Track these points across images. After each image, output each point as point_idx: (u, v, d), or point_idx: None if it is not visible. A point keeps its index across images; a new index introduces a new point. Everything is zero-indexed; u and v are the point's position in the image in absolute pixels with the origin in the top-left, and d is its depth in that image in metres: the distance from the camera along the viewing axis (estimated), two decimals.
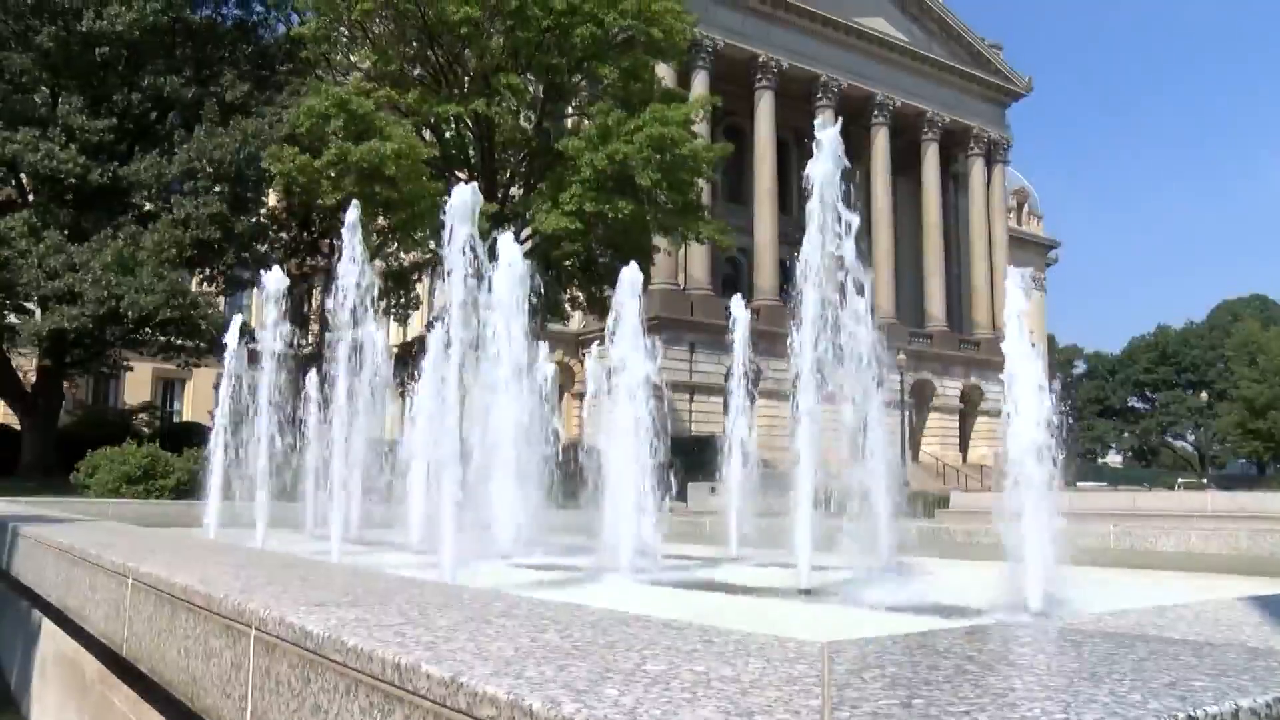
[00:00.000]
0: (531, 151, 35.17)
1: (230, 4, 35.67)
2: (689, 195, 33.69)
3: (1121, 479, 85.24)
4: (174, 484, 23.43)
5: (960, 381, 63.84)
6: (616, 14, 31.70)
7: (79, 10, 30.01)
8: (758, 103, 57.31)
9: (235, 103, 32.80)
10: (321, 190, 30.54)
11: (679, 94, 37.69)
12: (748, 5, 56.88)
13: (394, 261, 36.89)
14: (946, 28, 66.96)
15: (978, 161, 68.32)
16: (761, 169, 56.72)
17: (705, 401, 49.93)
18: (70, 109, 30.45)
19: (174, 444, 26.42)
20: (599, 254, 35.08)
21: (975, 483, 52.11)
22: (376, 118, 30.33)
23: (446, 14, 31.34)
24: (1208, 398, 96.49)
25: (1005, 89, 70.18)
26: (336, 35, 34.75)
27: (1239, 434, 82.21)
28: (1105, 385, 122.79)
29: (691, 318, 51.46)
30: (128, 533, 7.78)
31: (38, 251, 28.78)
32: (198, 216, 30.29)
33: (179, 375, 53.05)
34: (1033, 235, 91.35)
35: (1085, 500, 22.73)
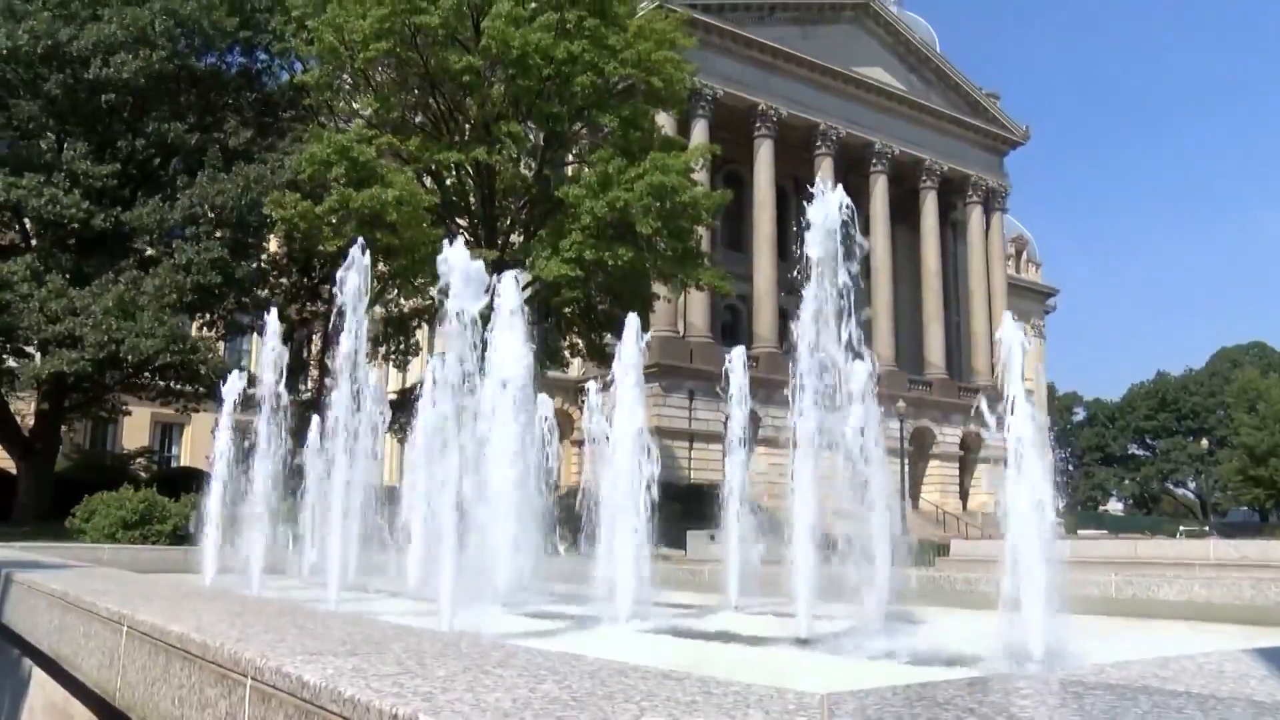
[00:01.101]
0: (532, 199, 35.35)
1: (235, 52, 36.04)
2: (689, 242, 33.81)
3: (1123, 527, 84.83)
4: (171, 529, 23.31)
5: (960, 429, 63.71)
6: (617, 63, 31.99)
7: (87, 58, 30.28)
8: (757, 150, 57.69)
9: (238, 149, 33.02)
10: (322, 236, 30.66)
11: (679, 142, 37.95)
12: (747, 54, 57.41)
13: (394, 308, 36.96)
14: (944, 77, 67.58)
15: (976, 209, 68.67)
16: (761, 216, 56.98)
17: (704, 449, 49.78)
18: (75, 155, 30.64)
19: (171, 489, 26.31)
20: (599, 301, 35.15)
21: (975, 530, 51.86)
22: (378, 165, 30.52)
23: (448, 63, 31.64)
24: (1208, 445, 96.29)
25: (1003, 137, 70.72)
26: (339, 83, 35.05)
27: (1240, 481, 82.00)
28: (1105, 432, 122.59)
29: (691, 365, 51.44)
30: (123, 579, 7.73)
31: (39, 295, 28.84)
32: (199, 261, 30.38)
33: (177, 420, 52.95)
34: (1031, 283, 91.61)
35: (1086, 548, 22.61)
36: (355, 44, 31.69)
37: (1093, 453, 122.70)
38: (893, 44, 65.61)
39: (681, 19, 37.16)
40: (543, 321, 35.56)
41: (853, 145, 62.01)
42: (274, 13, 35.09)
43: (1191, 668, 2.77)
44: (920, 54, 66.84)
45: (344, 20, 31.76)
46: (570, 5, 32.03)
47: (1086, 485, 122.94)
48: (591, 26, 31.67)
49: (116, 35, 30.35)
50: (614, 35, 32.08)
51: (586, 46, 31.33)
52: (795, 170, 59.34)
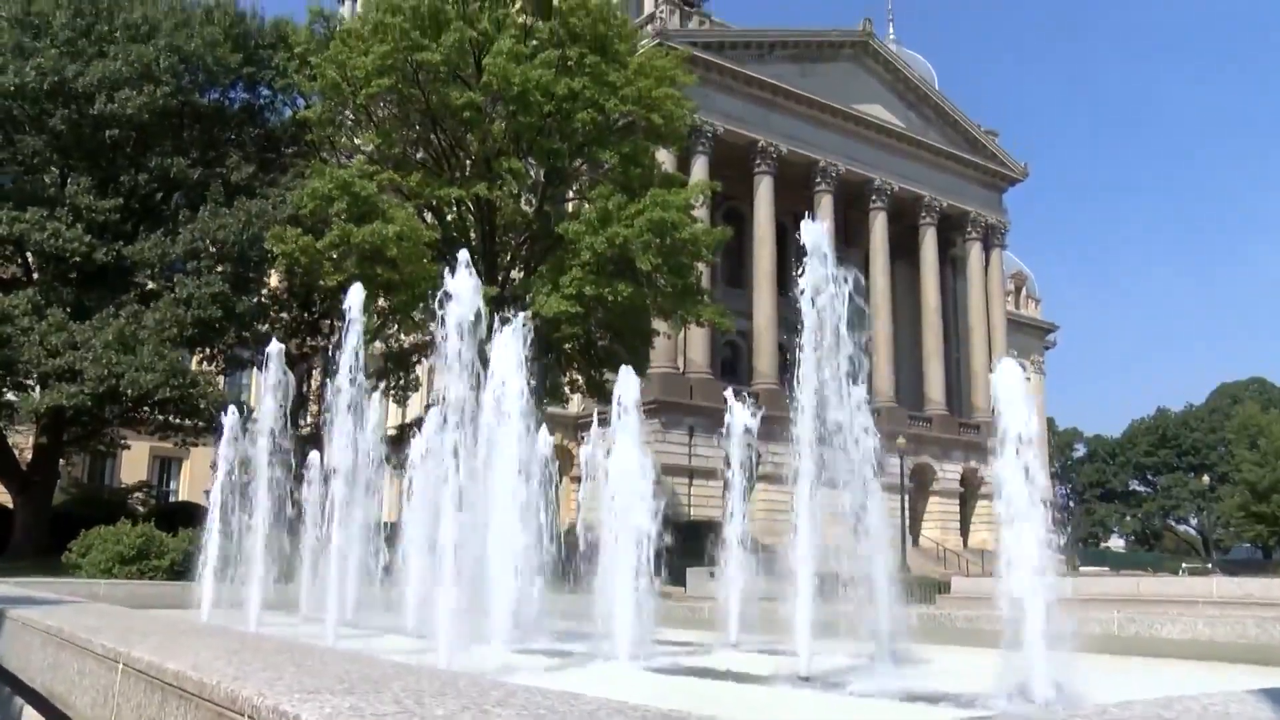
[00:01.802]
0: (532, 235, 35.44)
1: (238, 88, 36.26)
2: (689, 279, 33.85)
3: (1124, 563, 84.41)
4: (168, 564, 23.22)
5: (960, 465, 63.62)
6: (617, 100, 32.17)
7: (92, 94, 30.48)
8: (757, 187, 57.96)
9: (240, 184, 33.17)
10: (323, 271, 30.72)
11: (679, 178, 38.10)
12: (747, 92, 57.81)
13: (394, 343, 36.98)
14: (943, 114, 68.03)
15: (975, 245, 68.91)
16: (761, 253, 57.15)
17: (704, 485, 49.64)
18: (78, 189, 30.78)
19: (169, 524, 26.22)
20: (599, 337, 35.15)
21: (976, 567, 51.64)
22: (379, 200, 30.63)
23: (449, 99, 31.84)
24: (1209, 481, 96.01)
25: (1002, 174, 71.10)
26: (341, 119, 35.26)
27: (1242, 518, 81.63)
28: (1106, 468, 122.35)
29: (690, 401, 51.43)
30: (119, 615, 7.68)
31: (40, 329, 28.86)
32: (199, 296, 30.43)
33: (176, 454, 52.86)
34: (1031, 318, 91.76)
35: (1088, 585, 22.51)
36: (357, 80, 31.91)
37: (1093, 489, 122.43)
38: (892, 81, 66.09)
39: (682, 56, 37.40)
40: (542, 357, 35.57)
41: (852, 182, 62.31)
42: (277, 49, 35.38)
43: (1196, 709, 2.74)
44: (919, 91, 67.32)
45: (346, 57, 32.00)
46: (571, 43, 32.28)
47: (1087, 522, 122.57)
48: (592, 64, 31.89)
49: (121, 71, 30.57)
50: (615, 72, 32.29)
51: (587, 83, 31.54)
52: (795, 206, 59.49)
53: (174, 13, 33.54)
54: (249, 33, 35.44)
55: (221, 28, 33.90)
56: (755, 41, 59.38)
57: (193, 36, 32.49)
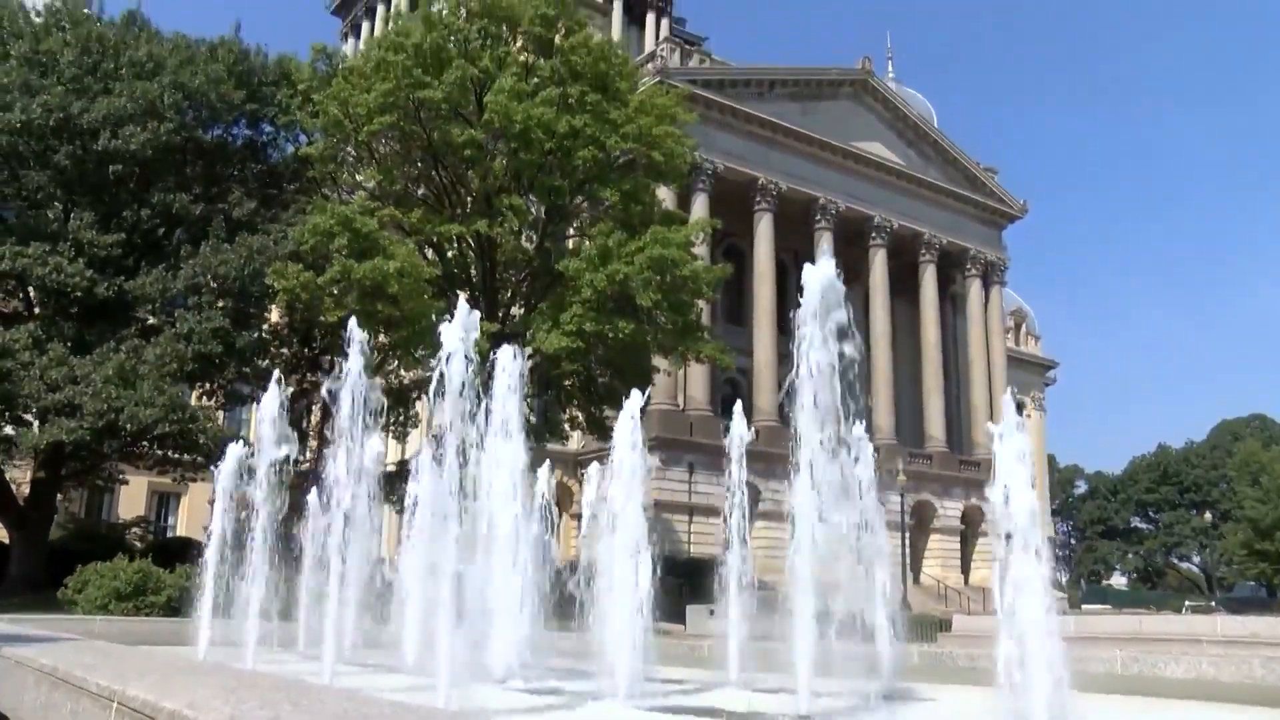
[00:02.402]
0: (533, 271, 35.50)
1: (241, 124, 36.41)
2: (689, 316, 33.88)
3: (1127, 601, 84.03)
4: (165, 601, 23.08)
5: (961, 502, 63.41)
6: (618, 138, 32.34)
7: (96, 130, 30.63)
8: (757, 224, 58.14)
9: (242, 220, 33.24)
10: (324, 307, 30.76)
11: (679, 216, 38.24)
12: (747, 129, 58.12)
13: (394, 379, 36.97)
14: (942, 152, 68.37)
15: (975, 282, 69.03)
16: (761, 290, 57.24)
17: (704, 522, 49.46)
18: (81, 224, 30.84)
19: (167, 559, 26.09)
20: (599, 374, 35.15)
21: (977, 605, 51.36)
22: (380, 236, 30.71)
23: (451, 136, 32.01)
24: (1212, 518, 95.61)
25: (1001, 211, 71.35)
26: (343, 155, 35.44)
27: (1245, 555, 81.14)
28: (1107, 505, 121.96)
29: (690, 438, 51.35)
30: (114, 653, 7.63)
31: (40, 364, 28.83)
32: (200, 331, 30.43)
33: (174, 489, 52.65)
34: (1031, 355, 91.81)
35: (1090, 624, 22.37)
36: (359, 117, 32.11)
37: (1095, 526, 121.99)
38: (891, 119, 66.48)
39: (682, 94, 37.67)
40: (543, 394, 35.55)
41: (852, 219, 62.52)
42: (280, 86, 35.59)
43: None
44: (918, 129, 67.70)
45: (349, 94, 32.23)
46: (572, 81, 32.50)
47: (1089, 559, 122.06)
48: (593, 102, 32.09)
49: (126, 108, 30.74)
50: (615, 110, 32.49)
51: (588, 121, 31.72)
52: (795, 244, 59.77)
53: (179, 50, 33.77)
54: (253, 70, 35.67)
55: (226, 65, 34.12)
56: (755, 80, 59.77)
57: (197, 73, 32.70)
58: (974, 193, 69.43)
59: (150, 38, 34.34)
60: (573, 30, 33.91)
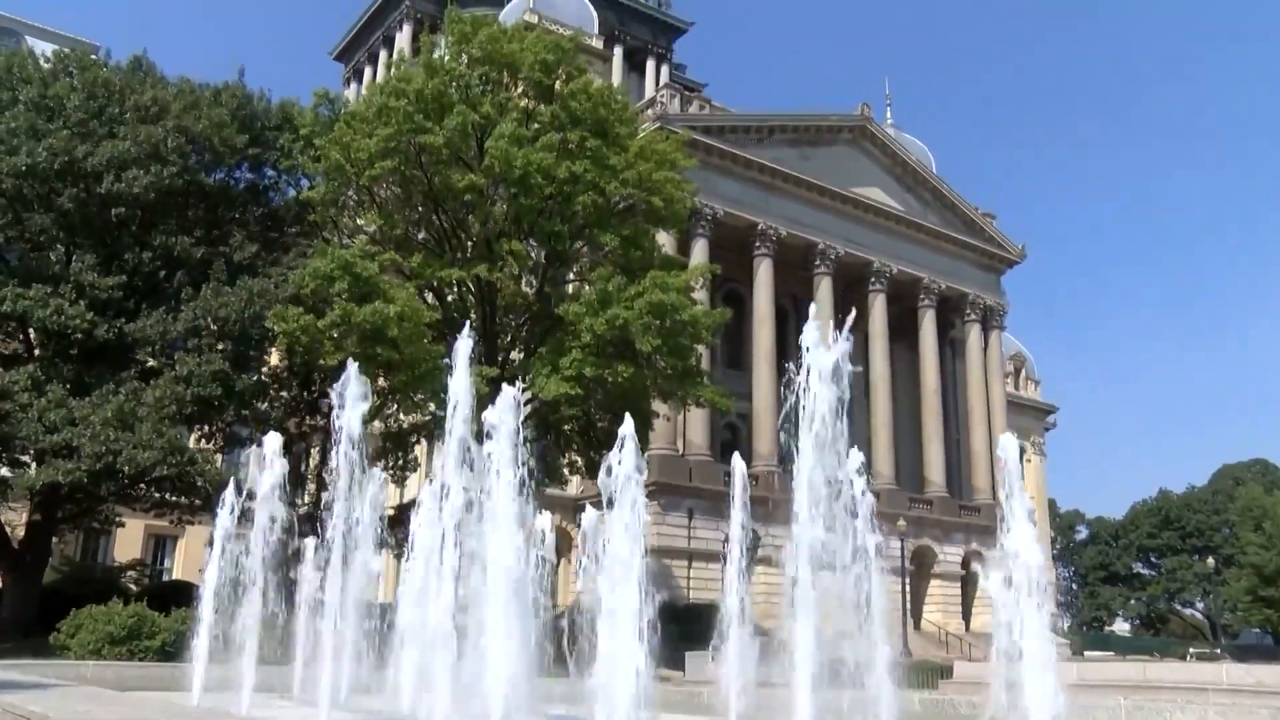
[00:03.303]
0: (532, 316, 35.55)
1: (243, 168, 36.61)
2: (688, 361, 33.89)
3: (1130, 648, 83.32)
4: (160, 645, 22.93)
5: (961, 548, 63.09)
6: (618, 183, 32.51)
7: (100, 174, 30.79)
8: (756, 269, 58.27)
9: (243, 263, 33.34)
10: (324, 350, 30.78)
11: (679, 260, 38.38)
12: (747, 175, 58.42)
13: (393, 423, 36.92)
14: (941, 197, 68.72)
15: (974, 327, 69.13)
16: (760, 334, 57.26)
17: (703, 568, 49.15)
18: (83, 266, 30.92)
19: (162, 603, 25.93)
20: (598, 418, 35.09)
21: (979, 651, 50.94)
22: (380, 280, 30.79)
23: (451, 181, 32.19)
24: (1215, 564, 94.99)
25: (1000, 256, 71.58)
26: (344, 199, 35.61)
27: (1250, 602, 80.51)
28: (1109, 551, 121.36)
29: (690, 483, 51.15)
30: (106, 699, 7.55)
31: (39, 405, 28.79)
32: (200, 374, 30.41)
33: (171, 532, 52.35)
34: (1031, 400, 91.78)
35: (1094, 671, 22.18)
36: (361, 162, 32.32)
37: (1096, 572, 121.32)
38: (890, 165, 66.87)
39: (682, 140, 37.91)
40: (542, 438, 35.47)
41: (851, 264, 62.70)
42: (283, 130, 35.86)
43: None
44: (917, 174, 68.08)
45: (350, 139, 32.46)
46: (572, 126, 32.72)
47: (1091, 605, 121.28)
48: (593, 147, 32.30)
49: (130, 151, 30.94)
50: (615, 156, 32.69)
51: (588, 166, 31.90)
52: (794, 289, 59.91)
53: (183, 95, 34.06)
54: (255, 114, 35.95)
55: (229, 109, 34.39)
56: (755, 125, 60.16)
57: (200, 118, 32.95)
58: (973, 238, 69.70)
59: (155, 83, 34.65)
60: (573, 76, 34.18)
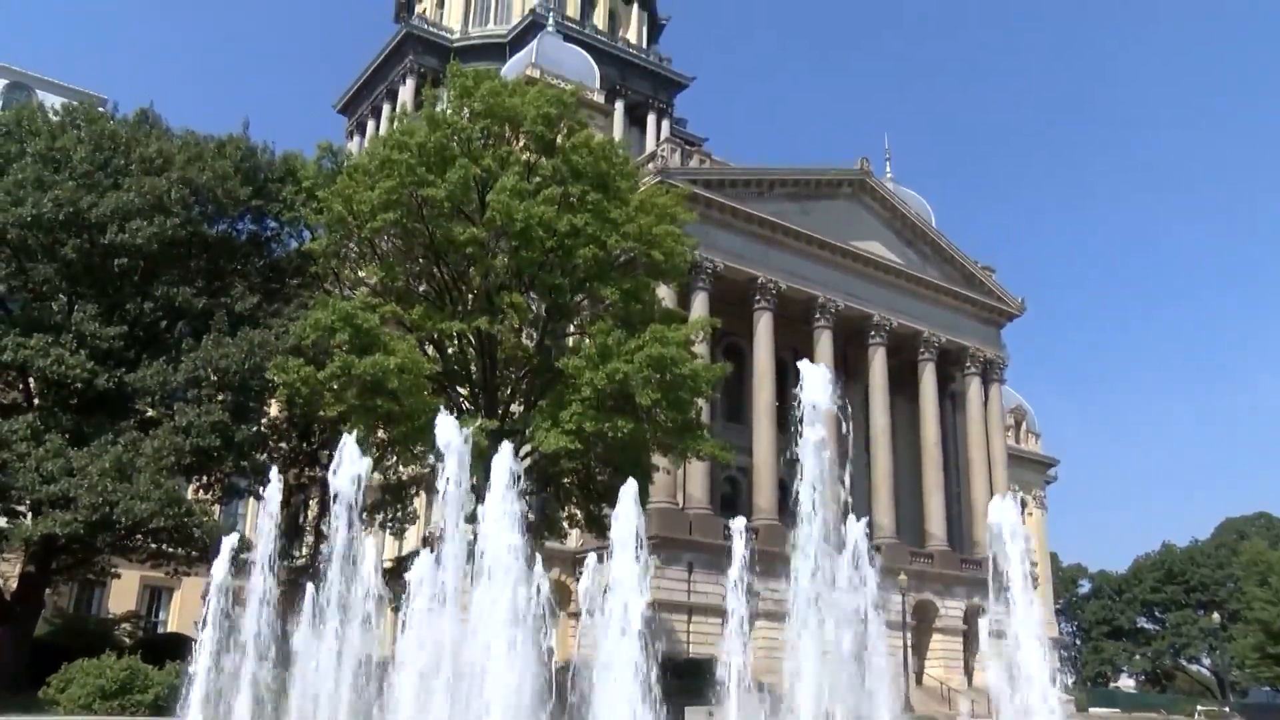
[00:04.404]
0: (533, 369, 35.54)
1: (246, 219, 36.80)
2: (688, 414, 33.83)
3: (1136, 704, 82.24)
4: (152, 700, 22.70)
5: (963, 602, 62.57)
6: (619, 236, 32.64)
7: (104, 224, 30.96)
8: (756, 323, 58.33)
9: (244, 313, 33.43)
10: (324, 402, 30.77)
11: (679, 314, 38.43)
12: (747, 229, 58.66)
13: (392, 475, 36.82)
14: (940, 251, 68.97)
15: (974, 380, 69.09)
16: (760, 388, 57.19)
17: (703, 622, 48.74)
18: (84, 316, 30.99)
19: (156, 656, 25.71)
20: (598, 471, 34.99)
21: (981, 707, 50.36)
22: (381, 332, 30.84)
23: (453, 234, 32.34)
24: (1220, 619, 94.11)
25: (999, 309, 71.73)
26: (346, 251, 35.75)
27: (1258, 659, 79.44)
28: (1112, 605, 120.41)
29: (690, 537, 50.85)
30: None
31: (36, 455, 28.73)
32: (199, 424, 30.38)
33: (167, 584, 52.03)
34: (1031, 453, 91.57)
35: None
36: (363, 214, 32.50)
37: (1100, 626, 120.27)
38: (889, 219, 67.21)
39: (682, 194, 38.14)
40: (541, 491, 35.34)
41: (852, 317, 62.83)
42: (285, 182, 36.11)
43: None
44: (916, 228, 68.40)
45: (353, 191, 32.67)
46: (573, 180, 32.93)
47: (1095, 660, 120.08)
48: (594, 201, 32.47)
49: (134, 202, 31.13)
50: (616, 209, 32.86)
51: (589, 220, 32.05)
52: (795, 342, 59.95)
53: (188, 146, 34.36)
54: (259, 166, 36.24)
55: (233, 161, 34.67)
56: (755, 179, 60.50)
57: (204, 169, 33.21)
58: (972, 291, 69.90)
59: (160, 135, 34.98)
60: (574, 130, 34.44)
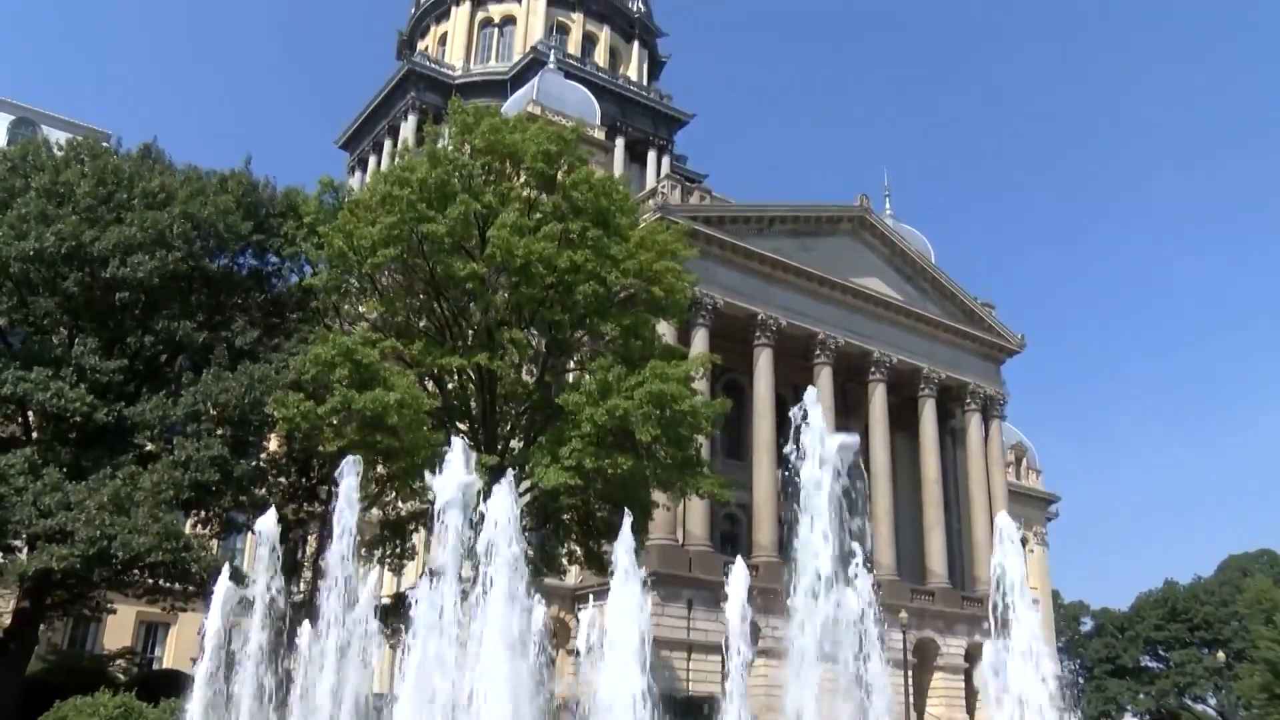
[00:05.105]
0: (532, 405, 35.50)
1: (247, 254, 36.84)
2: (688, 451, 33.79)
3: None
4: None
5: (964, 640, 62.19)
6: (619, 273, 32.72)
7: (106, 258, 31.02)
8: (756, 359, 58.36)
9: (245, 348, 33.42)
10: (323, 437, 30.73)
11: (679, 350, 38.45)
12: (747, 265, 58.81)
13: (391, 510, 36.70)
14: (940, 287, 69.13)
15: (974, 416, 69.04)
16: (760, 425, 57.11)
17: (703, 660, 48.43)
18: (85, 350, 30.99)
19: (151, 693, 25.50)
20: (597, 508, 34.89)
21: None
22: (381, 367, 30.85)
23: (453, 270, 32.43)
24: (1226, 657, 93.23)
25: (999, 346, 71.80)
26: (346, 286, 35.84)
27: (1266, 700, 78.38)
28: (1115, 643, 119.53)
29: (689, 574, 50.63)
30: None
31: (34, 489, 28.61)
32: (198, 459, 30.31)
33: (163, 619, 51.70)
34: (1032, 490, 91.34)
35: None
36: (364, 250, 32.61)
37: (1103, 664, 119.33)
38: (889, 255, 67.42)
39: (683, 230, 38.32)
40: (540, 528, 35.22)
41: (852, 354, 62.88)
42: (287, 217, 36.20)
43: None
44: (916, 265, 68.59)
45: (354, 227, 32.80)
46: (574, 216, 33.06)
47: (1099, 699, 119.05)
48: (594, 237, 32.58)
49: (136, 236, 31.20)
50: (616, 246, 32.96)
51: (589, 256, 32.14)
52: (795, 378, 59.93)
53: (190, 181, 34.49)
54: (261, 201, 36.35)
55: (235, 196, 34.77)
56: (755, 216, 60.73)
57: (206, 204, 33.30)
58: (972, 327, 70.00)
59: (163, 169, 35.12)
60: (575, 167, 34.60)
